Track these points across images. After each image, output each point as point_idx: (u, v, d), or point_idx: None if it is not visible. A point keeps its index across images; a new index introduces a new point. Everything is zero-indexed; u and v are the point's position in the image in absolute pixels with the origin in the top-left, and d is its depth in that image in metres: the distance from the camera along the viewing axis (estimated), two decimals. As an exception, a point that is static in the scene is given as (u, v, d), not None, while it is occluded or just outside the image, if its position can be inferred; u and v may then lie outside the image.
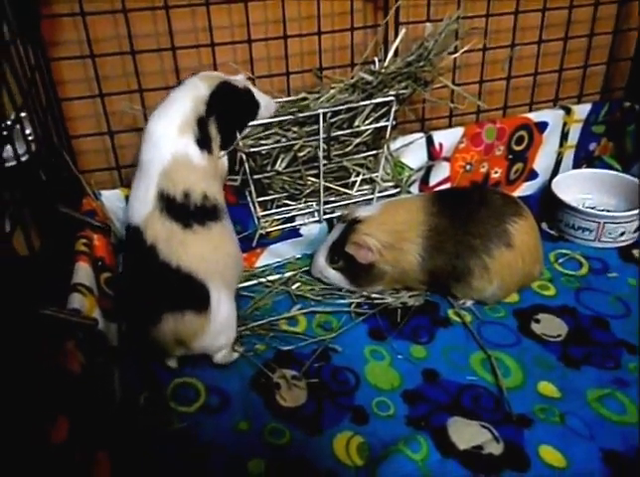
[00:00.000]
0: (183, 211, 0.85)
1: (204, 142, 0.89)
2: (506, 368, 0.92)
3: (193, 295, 0.85)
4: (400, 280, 1.06)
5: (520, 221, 1.02)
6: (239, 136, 0.99)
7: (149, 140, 0.88)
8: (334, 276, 1.08)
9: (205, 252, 0.86)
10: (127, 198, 1.08)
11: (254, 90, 0.99)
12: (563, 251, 1.20)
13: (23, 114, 0.83)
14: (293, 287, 1.11)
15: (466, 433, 0.81)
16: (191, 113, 0.89)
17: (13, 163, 0.77)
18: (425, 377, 0.92)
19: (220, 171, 0.96)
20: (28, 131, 0.85)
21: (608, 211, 1.25)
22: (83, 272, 0.86)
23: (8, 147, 0.73)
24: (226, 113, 0.94)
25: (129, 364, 0.92)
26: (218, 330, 0.88)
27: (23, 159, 0.81)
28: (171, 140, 0.87)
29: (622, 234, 1.18)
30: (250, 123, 1.01)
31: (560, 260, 1.17)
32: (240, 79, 0.96)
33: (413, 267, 1.03)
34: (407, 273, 1.04)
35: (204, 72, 0.96)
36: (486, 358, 0.94)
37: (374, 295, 1.08)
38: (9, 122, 0.74)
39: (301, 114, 1.04)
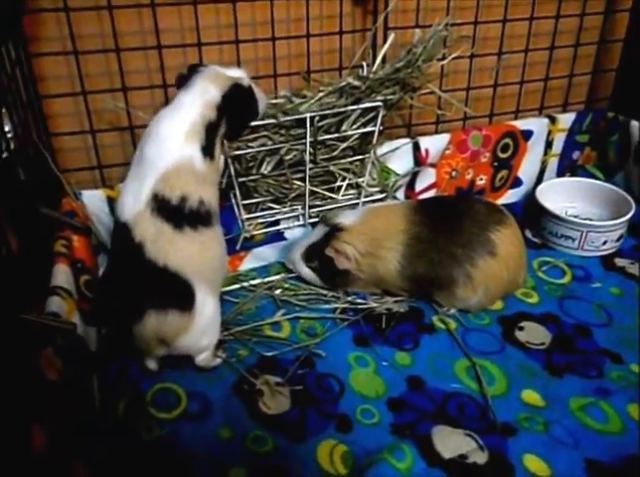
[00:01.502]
0: (177, 213, 0.84)
1: (208, 149, 0.87)
2: (490, 376, 0.92)
3: (178, 294, 0.84)
4: (379, 285, 1.07)
5: (504, 229, 1.02)
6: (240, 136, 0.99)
7: (153, 141, 0.86)
8: (306, 273, 1.09)
9: (192, 253, 0.85)
10: (109, 198, 1.07)
11: (254, 88, 0.97)
12: (547, 259, 1.20)
13: (2, 111, 0.80)
14: (277, 292, 1.09)
15: (451, 442, 0.80)
16: (200, 119, 0.86)
17: (-9, 161, 0.74)
18: (410, 384, 0.91)
19: (217, 173, 0.94)
20: (7, 128, 0.82)
21: (591, 220, 1.26)
22: (62, 275, 0.84)
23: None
24: (235, 117, 0.92)
25: (108, 369, 0.90)
26: (201, 330, 0.87)
27: (1, 156, 0.78)
28: (177, 146, 0.85)
29: (605, 242, 1.19)
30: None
31: (544, 268, 1.18)
32: (244, 77, 0.93)
33: (392, 274, 1.03)
34: (385, 280, 1.04)
35: (210, 67, 0.91)
36: (471, 365, 0.94)
37: (358, 301, 1.07)
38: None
39: (288, 118, 1.03)
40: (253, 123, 1.01)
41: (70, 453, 0.62)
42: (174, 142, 0.85)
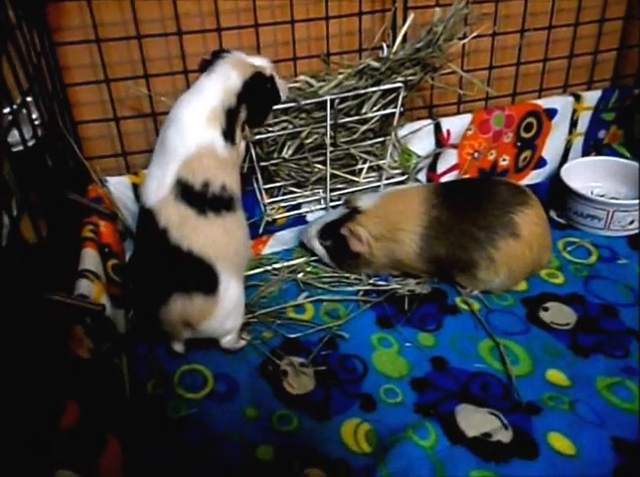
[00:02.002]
0: (200, 199, 0.85)
1: (228, 133, 0.88)
2: (515, 356, 0.92)
3: (202, 278, 0.86)
4: (397, 268, 1.07)
5: (526, 210, 1.00)
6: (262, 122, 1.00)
7: (174, 126, 0.87)
8: (319, 250, 1.11)
9: (216, 238, 0.86)
10: (134, 185, 1.09)
11: (276, 77, 0.97)
12: (572, 240, 1.19)
13: (29, 99, 0.82)
14: (300, 275, 1.10)
15: (475, 420, 0.80)
16: (220, 105, 0.87)
17: (20, 148, 0.76)
18: (434, 364, 0.91)
19: (239, 158, 0.95)
20: (34, 116, 0.84)
21: (617, 199, 1.23)
22: (91, 258, 0.86)
23: (14, 132, 0.73)
24: (255, 104, 0.93)
25: (136, 351, 0.92)
26: (225, 313, 0.88)
27: (29, 144, 0.80)
28: (198, 131, 0.86)
29: (632, 222, 1.17)
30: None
31: (569, 248, 1.16)
32: (266, 66, 0.94)
33: (410, 256, 1.03)
34: (404, 262, 1.04)
35: (234, 54, 0.92)
36: (494, 346, 0.94)
37: (380, 283, 1.07)
38: (15, 106, 0.73)
39: (308, 101, 1.03)
40: (274, 107, 1.02)
41: (104, 427, 0.64)
42: (195, 127, 0.86)
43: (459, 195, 1.04)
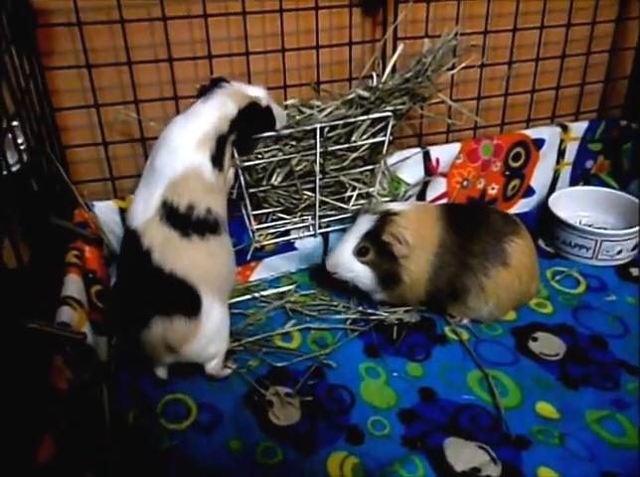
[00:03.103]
0: (184, 221, 0.85)
1: (217, 159, 0.88)
2: (504, 387, 0.91)
3: (184, 300, 0.85)
4: (402, 295, 1.03)
5: (517, 240, 1.00)
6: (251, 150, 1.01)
7: (164, 147, 0.87)
8: (360, 271, 1.00)
9: (199, 260, 0.85)
10: (120, 209, 1.08)
11: (273, 106, 0.98)
12: (561, 269, 1.19)
13: (15, 123, 0.82)
14: (287, 304, 1.09)
15: (463, 454, 0.79)
16: (213, 131, 0.88)
17: (4, 173, 0.75)
18: (422, 395, 0.90)
19: (226, 185, 0.95)
20: (20, 140, 0.84)
21: (605, 229, 1.24)
22: (74, 285, 0.84)
23: (-1, 156, 0.72)
24: (247, 133, 0.94)
25: (119, 379, 0.90)
26: (208, 337, 0.87)
27: (14, 169, 0.79)
28: (187, 153, 0.86)
29: (620, 252, 1.18)
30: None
31: (558, 278, 1.16)
32: (262, 96, 0.95)
33: (420, 284, 1.00)
34: (412, 289, 1.01)
35: (233, 84, 0.93)
36: (483, 377, 0.93)
37: (369, 311, 1.06)
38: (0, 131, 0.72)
39: (298, 129, 1.04)
40: (263, 135, 1.02)
41: (79, 463, 0.62)
42: (184, 149, 0.86)
43: (459, 219, 1.02)
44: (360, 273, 1.01)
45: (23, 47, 0.93)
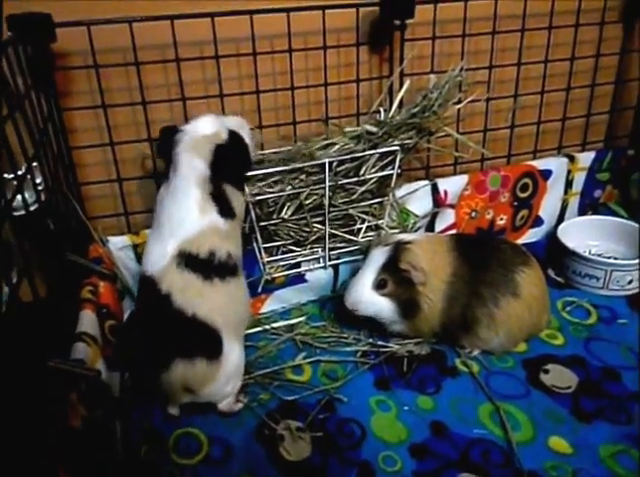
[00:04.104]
0: (205, 266, 0.86)
1: (225, 211, 0.89)
2: (515, 421, 0.90)
3: (206, 343, 0.85)
4: (419, 325, 1.02)
5: (527, 270, 1.01)
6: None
7: (170, 220, 0.87)
8: (381, 304, 1.00)
9: (221, 303, 0.86)
10: (135, 245, 1.10)
11: (243, 135, 0.97)
12: (571, 299, 1.18)
13: (34, 164, 0.84)
14: (298, 337, 1.09)
15: (476, 491, 0.78)
16: (202, 194, 0.88)
17: (22, 212, 0.78)
18: (433, 430, 0.90)
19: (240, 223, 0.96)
20: (38, 180, 0.86)
21: (615, 258, 1.24)
22: (88, 320, 0.86)
23: (18, 196, 0.74)
24: (232, 174, 0.93)
25: (131, 414, 0.91)
26: (227, 377, 0.88)
27: (32, 208, 0.81)
28: (195, 221, 0.87)
29: (630, 282, 1.17)
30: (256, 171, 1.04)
31: (568, 308, 1.16)
32: (221, 131, 0.92)
33: (435, 314, 1.00)
34: (427, 319, 1.00)
35: (185, 133, 0.90)
36: (495, 410, 0.92)
37: (379, 343, 1.06)
38: (20, 173, 0.75)
39: (307, 163, 1.06)
40: (273, 170, 1.04)
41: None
42: (190, 220, 0.87)
43: (470, 249, 1.03)
44: (381, 307, 1.00)
45: (42, 89, 0.97)
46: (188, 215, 0.87)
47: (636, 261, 1.16)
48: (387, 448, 0.86)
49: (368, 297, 1.01)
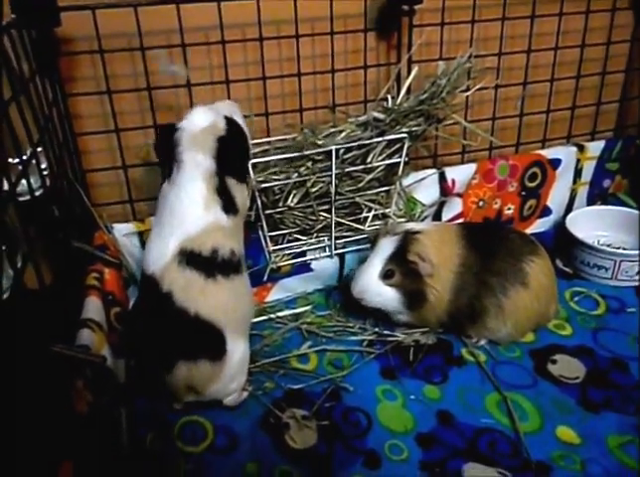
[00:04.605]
0: (208, 263, 0.83)
1: (229, 207, 0.87)
2: (522, 411, 0.90)
3: (209, 343, 0.84)
4: (425, 316, 1.02)
5: (536, 260, 1.00)
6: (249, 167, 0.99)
7: (172, 215, 0.85)
8: (388, 294, 0.99)
9: (225, 301, 0.84)
10: (140, 232, 1.09)
11: (238, 120, 0.93)
12: (579, 290, 1.17)
13: (39, 149, 0.84)
14: (303, 326, 1.09)
15: (483, 481, 0.78)
16: (207, 188, 0.85)
17: (27, 197, 0.77)
18: (440, 419, 0.89)
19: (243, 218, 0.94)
20: (43, 166, 0.85)
21: (624, 248, 1.23)
22: (94, 307, 0.85)
23: (23, 181, 0.74)
24: (235, 166, 0.91)
25: (136, 401, 0.90)
26: (231, 376, 0.87)
27: (37, 194, 0.81)
28: (199, 218, 0.85)
29: (639, 272, 1.16)
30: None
31: (576, 299, 1.15)
32: (218, 119, 0.89)
33: (442, 304, 0.99)
34: (434, 309, 1.00)
35: (184, 129, 0.87)
36: (502, 399, 0.92)
37: (385, 332, 1.06)
38: (25, 157, 0.74)
39: (314, 151, 1.05)
40: (279, 157, 1.03)
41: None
42: (194, 218, 0.85)
43: (479, 238, 1.01)
44: (388, 297, 1.00)
45: (46, 74, 0.96)
46: (193, 212, 0.85)
47: (645, 252, 1.15)
48: (393, 437, 0.86)
49: (374, 287, 1.00)
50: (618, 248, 1.21)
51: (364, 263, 1.03)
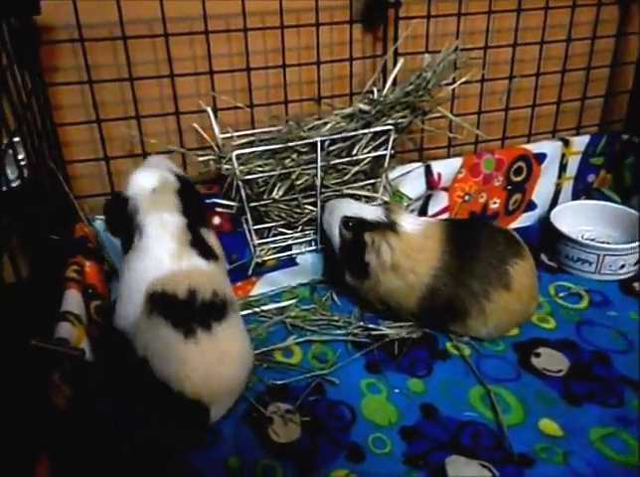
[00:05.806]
0: (185, 311, 0.80)
1: (207, 253, 0.86)
2: (506, 404, 0.90)
3: (191, 419, 0.82)
4: (385, 303, 1.04)
5: (520, 262, 0.99)
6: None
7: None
8: (334, 237, 1.06)
9: (211, 368, 0.81)
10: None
11: (178, 170, 0.95)
12: (563, 284, 1.18)
13: (16, 139, 0.82)
14: (288, 319, 1.08)
15: (465, 473, 0.78)
16: (180, 243, 0.85)
17: (4, 188, 0.75)
18: (423, 412, 0.89)
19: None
20: (21, 156, 0.84)
21: (608, 243, 1.23)
22: (73, 300, 0.84)
23: (-1, 171, 0.72)
24: (202, 213, 0.91)
25: (117, 396, 0.89)
26: None
27: (14, 184, 0.79)
28: (174, 265, 0.83)
29: (622, 266, 1.17)
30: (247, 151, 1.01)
31: (561, 293, 1.15)
32: (167, 175, 0.89)
33: (411, 302, 1.00)
34: (401, 304, 1.02)
35: (138, 194, 0.87)
36: (485, 393, 0.92)
37: (370, 326, 1.06)
38: (1, 147, 0.72)
39: (299, 142, 1.04)
40: (263, 148, 1.02)
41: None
42: (172, 261, 0.83)
43: (463, 239, 1.01)
44: (334, 240, 1.06)
45: (25, 63, 0.94)
46: (168, 257, 0.83)
47: (628, 246, 1.16)
48: (377, 430, 0.86)
49: (334, 225, 1.05)
50: (602, 243, 1.21)
51: (352, 202, 1.07)
